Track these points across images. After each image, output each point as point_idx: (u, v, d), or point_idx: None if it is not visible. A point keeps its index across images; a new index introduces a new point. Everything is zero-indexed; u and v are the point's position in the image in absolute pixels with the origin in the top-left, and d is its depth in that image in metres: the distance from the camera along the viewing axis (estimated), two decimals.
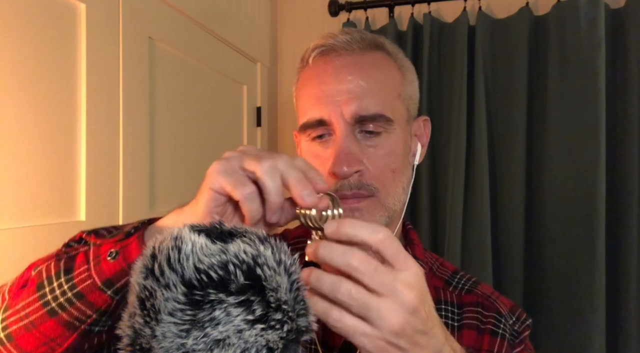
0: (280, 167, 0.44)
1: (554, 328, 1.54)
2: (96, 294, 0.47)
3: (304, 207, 0.45)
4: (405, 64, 0.69)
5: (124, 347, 0.36)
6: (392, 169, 0.64)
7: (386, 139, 0.64)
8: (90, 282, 0.47)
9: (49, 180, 0.86)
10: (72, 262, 0.49)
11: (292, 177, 0.44)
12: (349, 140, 0.62)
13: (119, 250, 0.47)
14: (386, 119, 0.63)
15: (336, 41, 0.65)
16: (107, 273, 0.47)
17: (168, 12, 1.20)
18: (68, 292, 0.47)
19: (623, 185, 1.52)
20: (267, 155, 0.45)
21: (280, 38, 1.96)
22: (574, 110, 1.54)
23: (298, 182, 0.44)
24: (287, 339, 0.36)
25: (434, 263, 0.73)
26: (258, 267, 0.36)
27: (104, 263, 0.47)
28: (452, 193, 1.61)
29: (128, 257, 0.47)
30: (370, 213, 0.64)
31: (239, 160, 0.45)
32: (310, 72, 0.66)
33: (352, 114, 0.61)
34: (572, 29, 1.54)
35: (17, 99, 0.80)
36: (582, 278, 1.49)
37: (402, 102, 0.66)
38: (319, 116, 0.63)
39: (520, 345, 0.64)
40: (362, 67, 0.64)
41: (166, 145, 1.20)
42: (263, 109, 1.74)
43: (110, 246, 0.48)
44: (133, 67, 1.06)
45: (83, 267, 0.48)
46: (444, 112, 1.68)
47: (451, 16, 1.72)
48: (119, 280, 0.46)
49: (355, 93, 0.62)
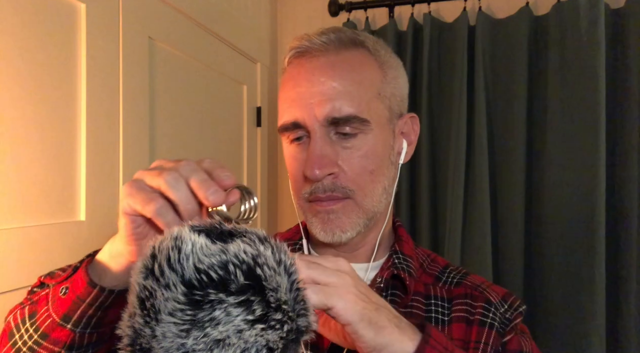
0: (183, 174, 0.44)
1: (554, 327, 1.54)
2: (58, 330, 0.49)
3: (211, 206, 0.45)
4: (387, 61, 0.67)
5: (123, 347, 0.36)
6: (370, 170, 0.64)
7: (363, 140, 0.63)
8: (51, 321, 0.50)
9: (49, 180, 0.86)
10: (35, 307, 0.52)
11: (195, 181, 0.44)
12: (322, 143, 0.62)
13: (68, 286, 0.50)
14: (361, 120, 0.62)
15: (311, 43, 0.64)
16: (62, 309, 0.49)
17: (168, 12, 1.20)
18: (34, 334, 0.50)
19: (623, 185, 1.52)
20: (169, 166, 0.46)
21: (280, 38, 1.96)
22: (574, 110, 1.54)
23: (201, 184, 0.44)
24: (287, 339, 0.36)
25: (425, 260, 0.73)
26: (258, 267, 0.36)
27: (58, 300, 0.50)
28: (452, 193, 1.61)
29: (76, 289, 0.49)
30: (346, 216, 0.64)
31: (142, 177, 0.46)
32: (287, 74, 0.67)
33: (325, 116, 0.61)
34: (572, 29, 1.54)
35: (17, 99, 0.80)
36: (582, 278, 1.49)
37: (381, 101, 0.65)
38: (293, 119, 0.63)
39: (511, 333, 0.63)
40: (336, 68, 0.63)
41: (166, 145, 1.20)
42: (263, 109, 1.74)
43: (63, 284, 0.51)
44: (133, 67, 1.06)
45: (44, 308, 0.51)
46: (444, 111, 1.68)
47: (451, 16, 1.72)
48: (75, 311, 0.49)
49: (328, 95, 0.61)
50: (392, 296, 0.66)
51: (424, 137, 1.67)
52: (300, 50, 0.65)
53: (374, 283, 0.66)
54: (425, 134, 1.67)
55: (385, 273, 0.66)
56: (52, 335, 0.49)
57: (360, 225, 0.65)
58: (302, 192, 0.65)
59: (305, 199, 0.65)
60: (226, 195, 0.45)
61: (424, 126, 1.66)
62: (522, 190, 1.59)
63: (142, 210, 0.44)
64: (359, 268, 0.70)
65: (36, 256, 0.82)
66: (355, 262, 0.70)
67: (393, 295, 0.66)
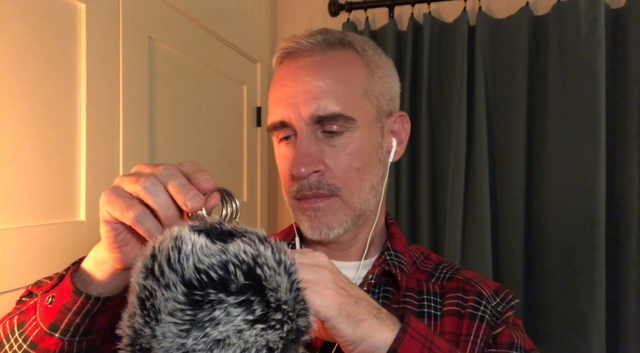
0: (161, 179, 0.44)
1: (554, 327, 1.54)
2: (46, 340, 0.49)
3: (191, 211, 0.44)
4: (375, 60, 0.68)
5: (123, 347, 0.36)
6: (356, 168, 0.65)
7: (349, 138, 0.64)
8: (39, 330, 0.50)
9: (49, 180, 0.86)
10: (23, 317, 0.52)
11: (173, 186, 0.43)
12: (307, 141, 0.63)
13: (54, 295, 0.50)
14: (346, 118, 0.63)
15: (298, 44, 0.65)
16: (49, 318, 0.49)
17: (168, 12, 1.20)
18: (23, 344, 0.50)
19: (623, 186, 1.52)
20: (147, 171, 0.45)
21: (280, 38, 1.96)
22: (574, 110, 1.54)
23: (179, 189, 0.43)
24: (287, 339, 0.36)
25: (419, 257, 0.74)
26: (258, 267, 0.36)
27: (45, 310, 0.50)
28: (452, 193, 1.61)
29: (62, 298, 0.49)
30: (332, 213, 0.65)
31: (120, 184, 0.45)
32: (275, 75, 0.68)
33: (310, 114, 0.62)
34: (572, 29, 1.54)
35: (17, 99, 0.80)
36: (582, 278, 1.49)
37: (368, 99, 0.66)
38: (280, 118, 0.64)
39: (501, 326, 0.63)
40: (322, 68, 0.64)
41: (166, 145, 1.20)
42: (263, 109, 1.74)
43: (49, 293, 0.51)
44: (133, 67, 1.06)
45: (32, 317, 0.51)
46: (444, 112, 1.68)
47: (451, 16, 1.72)
48: (62, 321, 0.49)
49: (313, 94, 0.62)
50: (385, 293, 0.66)
51: (424, 137, 1.67)
52: (288, 51, 0.66)
53: (366, 280, 0.66)
54: (425, 134, 1.67)
55: (377, 270, 0.66)
56: (41, 344, 0.49)
57: (348, 222, 0.65)
58: (290, 190, 0.66)
59: (293, 197, 0.66)
60: (205, 199, 0.44)
61: (424, 126, 1.66)
62: (522, 190, 1.59)
63: (121, 218, 0.44)
64: (351, 266, 0.71)
65: (36, 256, 0.82)
66: (347, 261, 0.71)
67: (385, 292, 0.66)
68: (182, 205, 0.43)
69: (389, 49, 1.69)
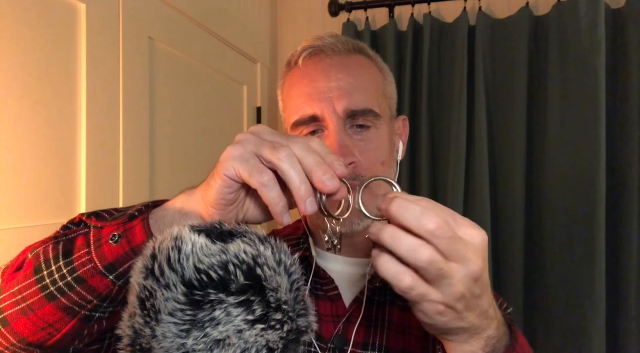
0: (297, 153, 0.42)
1: (553, 327, 1.54)
2: (97, 279, 0.45)
3: (326, 192, 0.42)
4: (384, 67, 0.74)
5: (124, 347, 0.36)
6: (381, 161, 0.68)
7: (375, 133, 0.67)
8: (91, 266, 0.45)
9: (49, 180, 0.86)
10: (71, 245, 0.47)
11: (311, 162, 0.42)
12: (342, 134, 0.65)
13: (121, 233, 0.46)
14: (374, 113, 0.67)
15: (324, 43, 0.69)
16: (109, 257, 0.45)
17: (168, 12, 1.20)
18: (67, 275, 0.46)
19: (623, 185, 1.52)
20: (282, 141, 0.43)
21: (280, 38, 1.96)
22: (574, 110, 1.54)
23: (318, 166, 0.42)
24: (287, 339, 0.36)
25: None
26: (258, 267, 0.36)
27: (106, 247, 0.46)
28: (452, 193, 1.61)
29: (132, 240, 0.45)
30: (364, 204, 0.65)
31: (254, 146, 0.43)
32: (300, 72, 0.70)
33: (344, 108, 0.65)
34: (572, 29, 1.54)
35: (17, 99, 0.80)
36: (582, 277, 1.49)
37: (385, 100, 0.71)
38: (312, 112, 0.66)
39: None
40: (350, 67, 0.68)
41: (166, 145, 1.20)
42: (263, 109, 1.74)
43: (112, 229, 0.47)
44: (133, 67, 1.06)
45: (83, 250, 0.46)
46: (444, 112, 1.68)
47: (451, 16, 1.72)
48: (122, 264, 0.45)
49: (346, 90, 0.65)
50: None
51: (424, 136, 1.67)
52: (314, 49, 0.69)
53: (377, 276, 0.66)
54: (425, 134, 1.67)
55: None
56: (89, 281, 0.45)
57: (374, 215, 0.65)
58: None
59: None
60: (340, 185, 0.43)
61: (424, 126, 1.66)
62: (522, 190, 1.59)
63: (247, 179, 0.42)
64: (361, 262, 0.71)
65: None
66: (358, 257, 0.72)
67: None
68: (317, 183, 0.42)
69: (389, 49, 1.69)
